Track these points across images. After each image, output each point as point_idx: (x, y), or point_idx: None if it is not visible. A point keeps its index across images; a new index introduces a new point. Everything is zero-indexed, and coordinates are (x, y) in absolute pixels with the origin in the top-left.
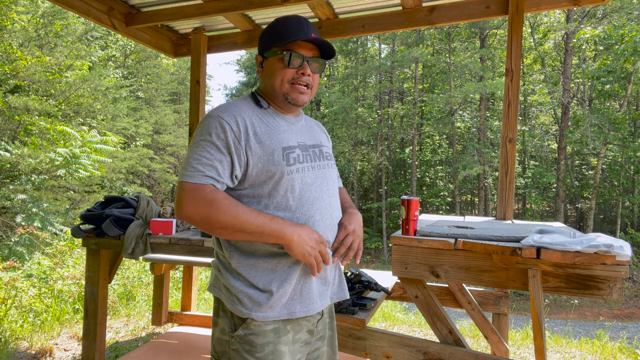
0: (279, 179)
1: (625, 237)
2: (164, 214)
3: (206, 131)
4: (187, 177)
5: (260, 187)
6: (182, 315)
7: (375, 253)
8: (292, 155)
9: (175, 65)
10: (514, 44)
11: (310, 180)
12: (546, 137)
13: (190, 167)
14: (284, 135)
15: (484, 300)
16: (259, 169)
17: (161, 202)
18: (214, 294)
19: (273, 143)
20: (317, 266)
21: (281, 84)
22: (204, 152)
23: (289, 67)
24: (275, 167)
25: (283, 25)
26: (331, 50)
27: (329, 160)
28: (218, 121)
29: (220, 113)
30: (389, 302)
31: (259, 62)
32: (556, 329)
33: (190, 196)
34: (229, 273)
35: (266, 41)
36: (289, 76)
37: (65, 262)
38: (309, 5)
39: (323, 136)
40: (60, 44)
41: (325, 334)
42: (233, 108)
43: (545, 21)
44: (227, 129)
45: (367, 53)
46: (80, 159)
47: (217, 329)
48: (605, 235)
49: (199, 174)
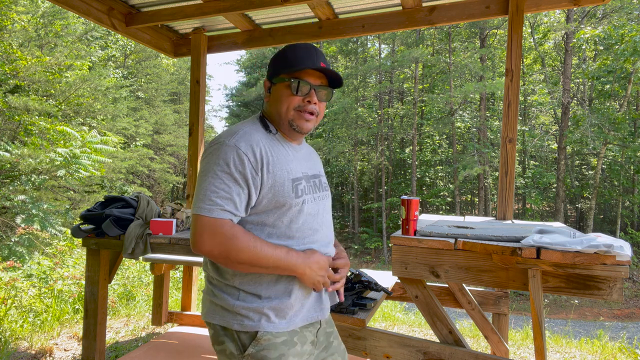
0: (286, 210)
1: (625, 237)
2: (164, 214)
3: (223, 161)
4: (205, 210)
5: (265, 215)
6: (182, 315)
7: (375, 253)
8: (299, 187)
9: (175, 65)
10: (514, 44)
11: (313, 212)
12: (546, 137)
13: (208, 200)
14: (292, 165)
15: (484, 300)
16: (269, 199)
17: (161, 202)
18: (212, 322)
19: (283, 174)
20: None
21: (287, 111)
22: (222, 185)
23: (297, 94)
24: (284, 198)
25: (292, 53)
26: (339, 79)
27: (327, 191)
28: (236, 152)
29: (237, 143)
30: (389, 302)
31: (266, 87)
32: (556, 329)
33: (210, 231)
34: (225, 294)
35: (275, 67)
36: (295, 104)
37: (65, 262)
38: (309, 5)
39: (320, 164)
40: (60, 44)
41: (327, 344)
42: (248, 137)
43: (545, 21)
44: (245, 160)
45: (367, 53)
46: (80, 159)
47: (223, 355)
48: (605, 235)
49: (218, 207)
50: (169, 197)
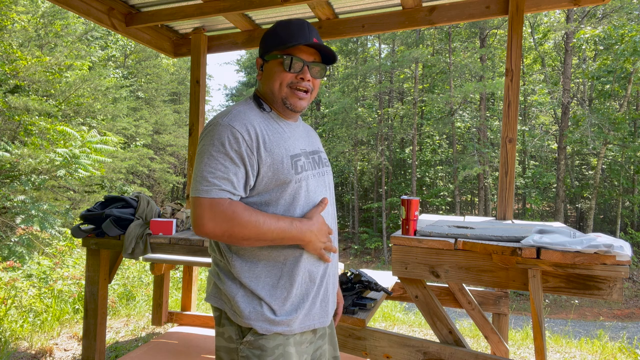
0: (287, 188)
1: (625, 237)
2: (164, 214)
3: (218, 141)
4: (203, 192)
5: (267, 194)
6: (182, 315)
7: (375, 253)
8: (299, 163)
9: (175, 65)
10: (514, 44)
11: (314, 188)
12: (546, 137)
13: (205, 182)
14: (290, 142)
15: (484, 300)
16: (269, 178)
17: (161, 202)
18: (214, 304)
19: (281, 151)
20: (326, 256)
21: (280, 88)
22: (218, 165)
23: (289, 71)
24: (284, 175)
25: (285, 29)
26: (332, 55)
27: (327, 167)
28: (230, 130)
29: (230, 122)
30: (389, 302)
31: (259, 65)
32: (556, 329)
33: (210, 212)
34: (230, 281)
35: (267, 44)
36: (288, 80)
37: (65, 262)
38: (309, 5)
39: (318, 141)
40: (60, 44)
41: (325, 332)
42: (242, 116)
43: (545, 21)
44: (239, 139)
45: (367, 53)
46: (80, 159)
47: (222, 338)
48: (605, 235)
49: (215, 188)
50: (169, 197)
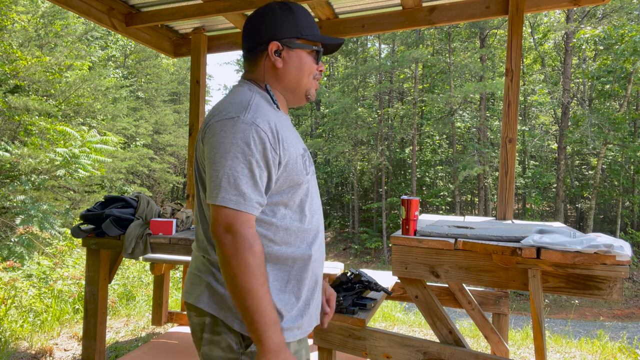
0: (299, 189)
1: (625, 237)
2: (164, 214)
3: (243, 141)
4: (232, 202)
5: (279, 196)
6: (182, 315)
7: (375, 253)
8: (306, 162)
9: (175, 65)
10: (514, 44)
11: (314, 188)
12: (546, 137)
13: (233, 190)
14: (295, 140)
15: (484, 300)
16: (284, 178)
17: (161, 202)
18: (207, 309)
19: (294, 150)
20: None
21: (307, 79)
22: (244, 170)
23: (317, 63)
24: (297, 176)
25: (305, 15)
26: None
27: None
28: (254, 130)
29: (254, 119)
30: (389, 302)
31: (273, 51)
32: (556, 329)
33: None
34: None
35: (288, 28)
36: (314, 72)
37: (65, 262)
38: (309, 6)
39: None
40: (60, 44)
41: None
42: (262, 111)
43: (545, 21)
44: (265, 140)
45: (367, 53)
46: (80, 159)
47: (217, 347)
48: (605, 235)
49: (244, 200)
50: (169, 197)
